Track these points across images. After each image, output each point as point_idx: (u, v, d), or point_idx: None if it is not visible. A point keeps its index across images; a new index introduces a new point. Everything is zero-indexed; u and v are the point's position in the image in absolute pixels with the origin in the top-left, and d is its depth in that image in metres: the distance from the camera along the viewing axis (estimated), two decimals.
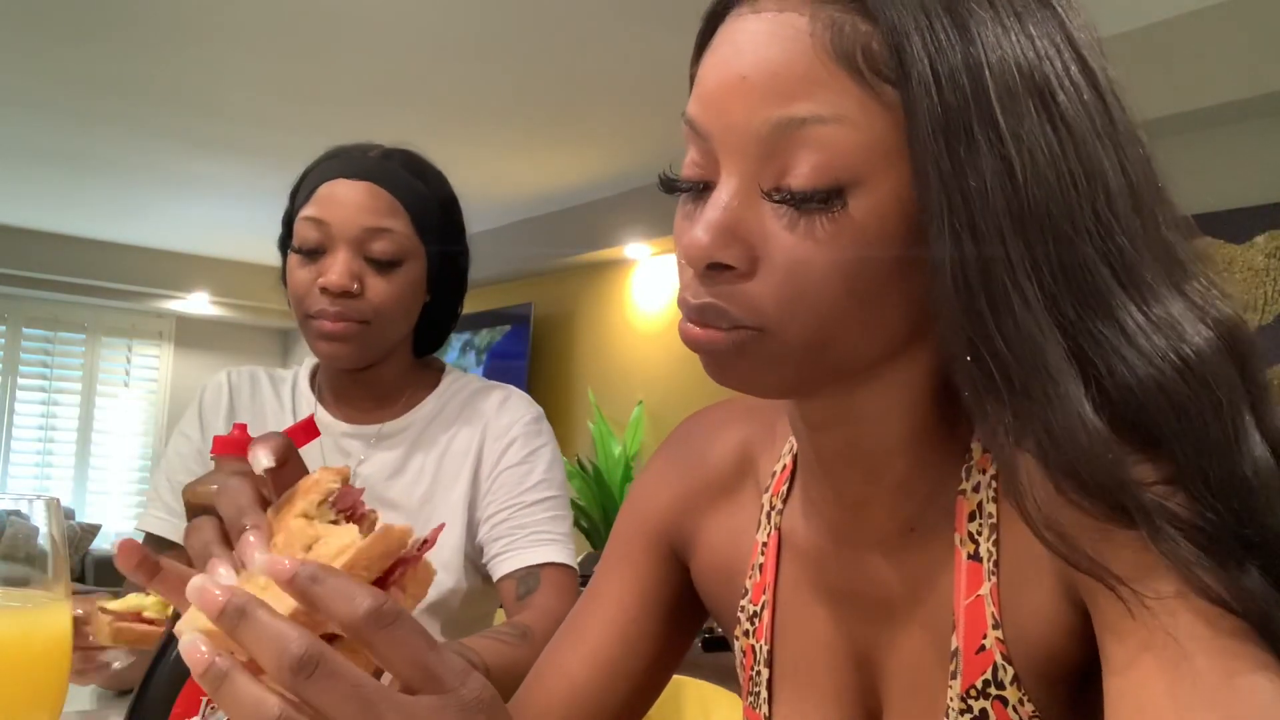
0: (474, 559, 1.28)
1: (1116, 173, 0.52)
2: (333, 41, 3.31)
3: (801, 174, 0.52)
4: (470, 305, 1.40)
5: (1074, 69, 0.53)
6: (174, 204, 5.46)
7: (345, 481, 0.57)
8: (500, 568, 1.25)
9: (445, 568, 1.26)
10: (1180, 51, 2.85)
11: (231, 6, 3.09)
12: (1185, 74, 2.83)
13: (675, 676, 1.30)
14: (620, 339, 5.02)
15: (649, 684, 0.78)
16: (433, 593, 1.23)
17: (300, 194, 1.28)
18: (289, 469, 0.61)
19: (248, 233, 5.79)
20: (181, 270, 6.62)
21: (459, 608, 1.27)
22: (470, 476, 1.29)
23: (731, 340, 0.55)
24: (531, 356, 5.37)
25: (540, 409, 1.37)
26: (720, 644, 2.61)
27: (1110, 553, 0.50)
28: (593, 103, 3.63)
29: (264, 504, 0.59)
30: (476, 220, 1.38)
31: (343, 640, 0.48)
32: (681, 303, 0.57)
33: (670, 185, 0.59)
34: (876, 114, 0.51)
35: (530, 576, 1.23)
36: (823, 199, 0.52)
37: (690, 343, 0.56)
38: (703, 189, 0.56)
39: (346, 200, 1.23)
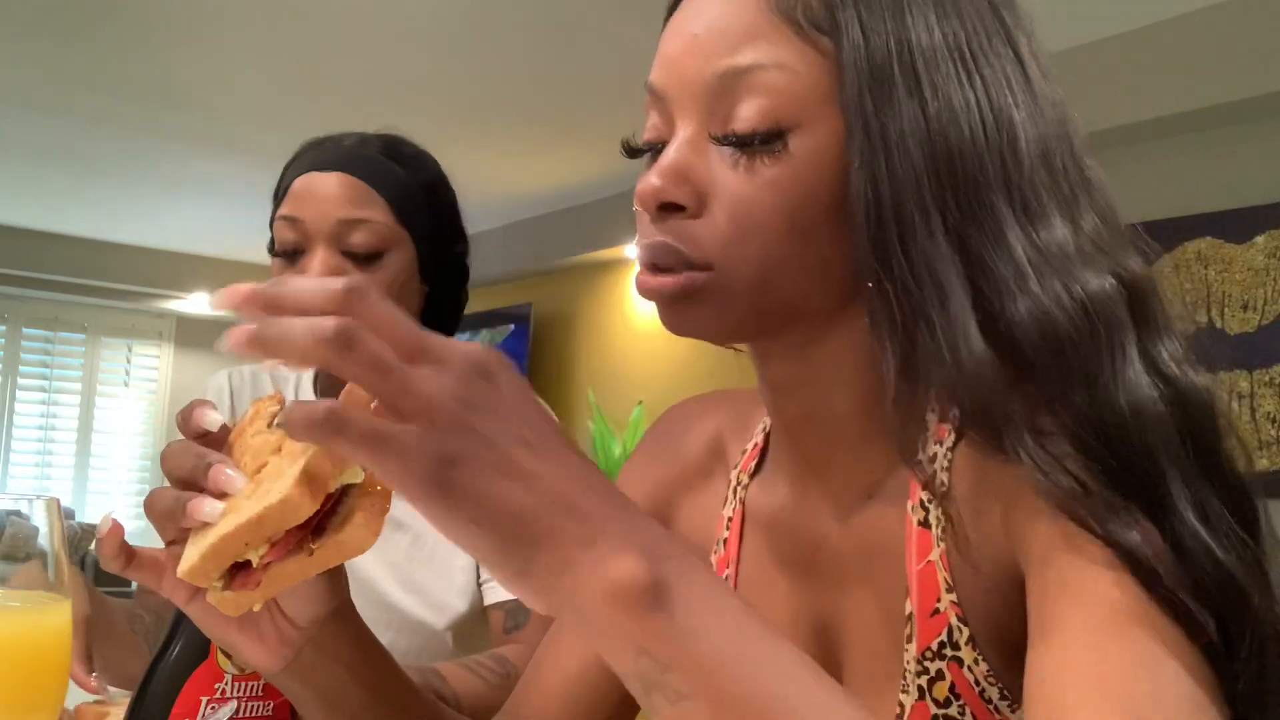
0: None
1: (1027, 128, 0.56)
2: (333, 41, 3.30)
3: (745, 117, 0.57)
4: (470, 305, 1.36)
5: (996, 40, 0.58)
6: (174, 204, 5.46)
7: (282, 404, 0.55)
8: (490, 595, 1.21)
9: (459, 590, 1.23)
10: (1181, 52, 2.84)
11: (231, 7, 3.09)
12: (1185, 74, 2.83)
13: None
14: (620, 339, 5.02)
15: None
16: (447, 614, 1.22)
17: (278, 194, 1.23)
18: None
19: (248, 233, 5.77)
20: (181, 270, 6.62)
21: (475, 629, 1.24)
22: None
23: (682, 283, 0.58)
24: (531, 357, 5.37)
25: None
26: None
27: (1027, 517, 0.52)
28: (593, 103, 3.63)
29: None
30: (476, 220, 1.36)
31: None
32: (638, 252, 0.60)
33: (633, 151, 0.63)
34: (815, 63, 0.57)
35: (520, 610, 1.19)
36: (764, 139, 0.56)
37: (644, 290, 0.60)
38: (661, 150, 0.60)
39: (319, 194, 1.16)
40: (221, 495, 0.50)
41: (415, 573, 1.22)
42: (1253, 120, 2.85)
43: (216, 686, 0.61)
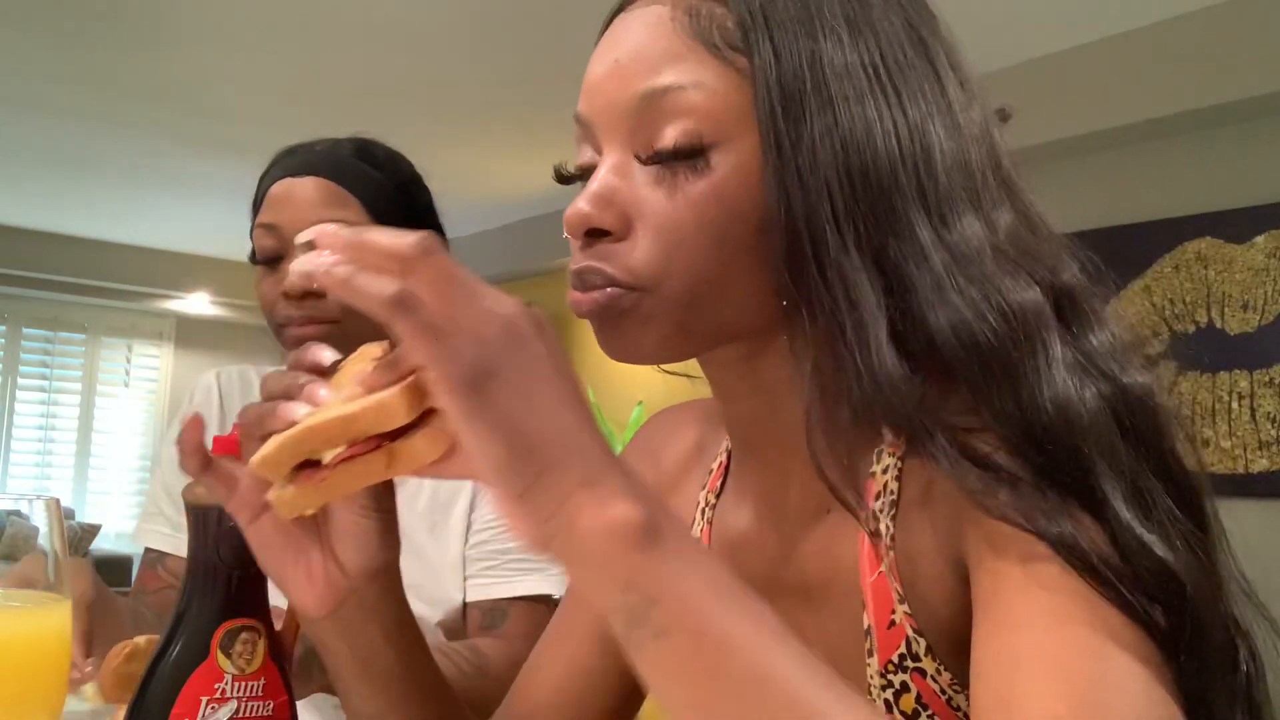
0: None
1: (942, 140, 0.57)
2: (332, 43, 3.30)
3: (668, 135, 0.58)
4: None
5: (912, 56, 0.59)
6: (174, 204, 5.46)
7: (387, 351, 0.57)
8: (472, 592, 1.22)
9: (453, 585, 1.24)
10: (1181, 52, 2.85)
11: (230, 7, 3.09)
12: (1186, 75, 2.83)
13: None
14: None
15: (624, 700, 0.78)
16: (440, 609, 1.22)
17: (255, 204, 1.25)
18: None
19: (248, 233, 5.78)
20: (181, 270, 6.62)
21: (459, 629, 1.25)
22: (470, 490, 1.27)
23: (610, 298, 0.59)
24: None
25: None
26: None
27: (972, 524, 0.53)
28: None
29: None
30: (476, 221, 1.37)
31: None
32: (569, 276, 0.61)
33: (564, 178, 0.65)
34: (733, 82, 0.58)
35: (496, 611, 1.20)
36: (686, 154, 0.57)
37: (575, 308, 0.61)
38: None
39: (295, 198, 1.18)
40: None
41: (406, 569, 1.22)
42: (1253, 120, 2.85)
43: (216, 686, 0.61)
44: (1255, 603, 0.54)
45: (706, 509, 0.74)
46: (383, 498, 0.60)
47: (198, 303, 6.79)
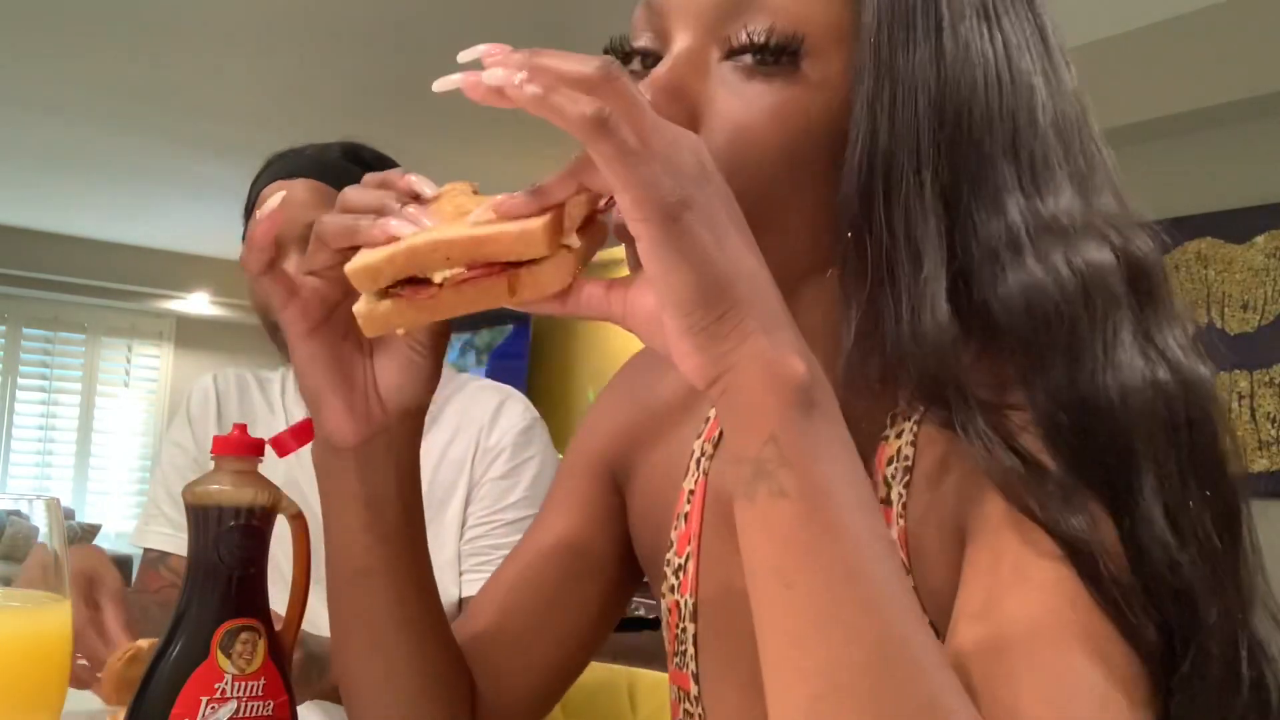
0: None
1: (1043, 95, 0.54)
2: (332, 42, 3.31)
3: (757, 29, 0.52)
4: None
5: (1020, 5, 0.56)
6: (174, 204, 5.46)
7: (474, 191, 0.55)
8: (467, 588, 1.23)
9: (449, 581, 1.24)
10: (1181, 51, 2.84)
11: (230, 7, 3.09)
12: (1186, 74, 2.83)
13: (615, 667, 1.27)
14: (620, 339, 5.00)
15: (585, 629, 0.76)
16: (443, 600, 1.23)
17: (249, 210, 1.28)
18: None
19: (241, 237, 5.79)
20: (181, 270, 6.62)
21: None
22: (465, 486, 1.28)
23: None
24: (531, 356, 5.37)
25: (536, 415, 1.34)
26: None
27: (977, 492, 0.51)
28: None
29: None
30: None
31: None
32: None
33: (625, 56, 0.58)
34: None
35: None
36: (775, 52, 0.52)
37: (617, 230, 0.56)
38: (655, 64, 0.55)
39: (287, 201, 1.20)
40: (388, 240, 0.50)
41: None
42: (1253, 120, 2.85)
43: (216, 686, 0.61)
44: None
45: (703, 459, 0.71)
46: (438, 338, 0.60)
47: (198, 303, 6.79)
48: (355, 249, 0.51)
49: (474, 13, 3.06)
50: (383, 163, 1.30)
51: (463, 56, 0.46)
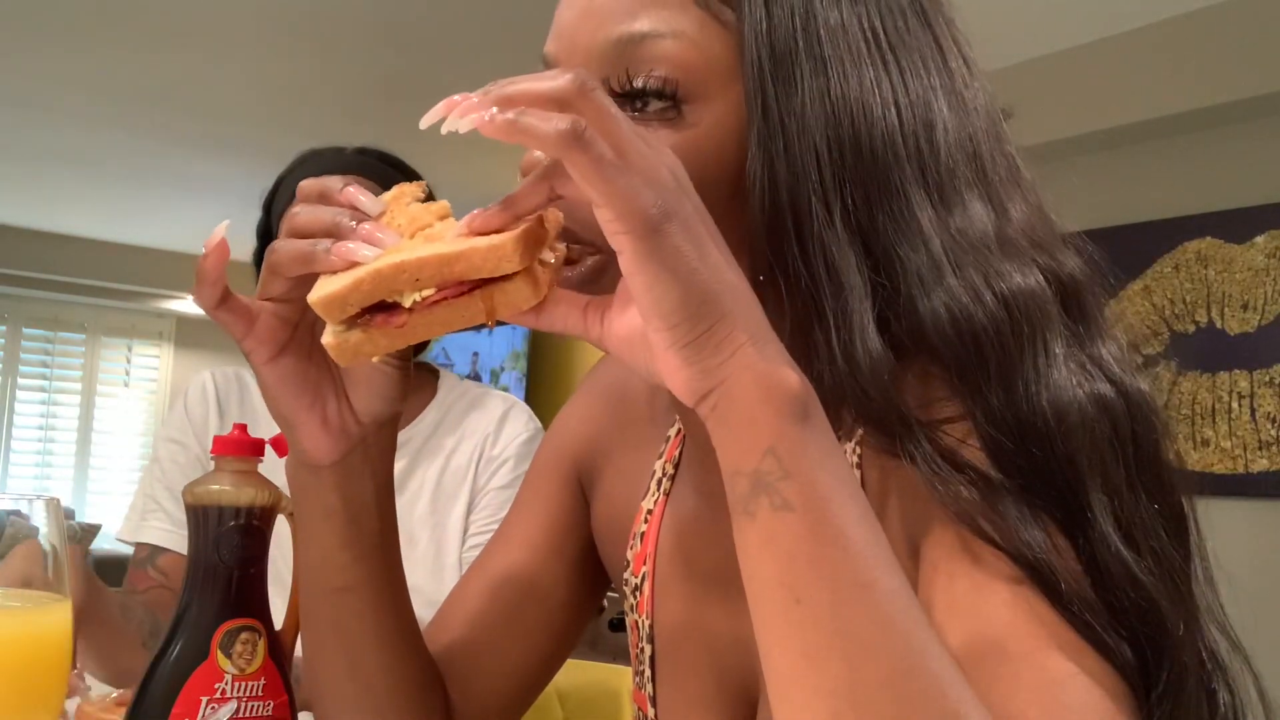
0: None
1: (945, 115, 0.54)
2: (332, 42, 3.30)
3: (639, 82, 0.53)
4: None
5: (914, 26, 0.55)
6: (174, 204, 5.46)
7: (425, 190, 0.54)
8: None
9: (451, 585, 1.25)
10: (1181, 52, 2.84)
11: (230, 7, 3.09)
12: (1186, 74, 2.83)
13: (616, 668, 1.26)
14: None
15: (553, 634, 0.75)
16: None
17: (278, 202, 1.26)
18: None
19: (248, 233, 5.78)
20: (181, 270, 6.61)
21: None
22: (468, 493, 1.28)
23: (588, 268, 0.54)
24: (531, 355, 5.37)
25: (539, 426, 1.34)
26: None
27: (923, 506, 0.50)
28: None
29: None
30: None
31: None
32: None
33: None
34: (715, 34, 0.53)
35: None
36: (658, 103, 0.52)
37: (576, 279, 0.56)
38: None
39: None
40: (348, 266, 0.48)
41: (408, 572, 1.22)
42: (1253, 120, 2.85)
43: (216, 686, 0.61)
44: (1231, 637, 0.51)
45: (664, 479, 0.70)
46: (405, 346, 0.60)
47: None
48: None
49: (473, 13, 3.06)
50: (411, 169, 1.31)
51: (424, 123, 0.47)
